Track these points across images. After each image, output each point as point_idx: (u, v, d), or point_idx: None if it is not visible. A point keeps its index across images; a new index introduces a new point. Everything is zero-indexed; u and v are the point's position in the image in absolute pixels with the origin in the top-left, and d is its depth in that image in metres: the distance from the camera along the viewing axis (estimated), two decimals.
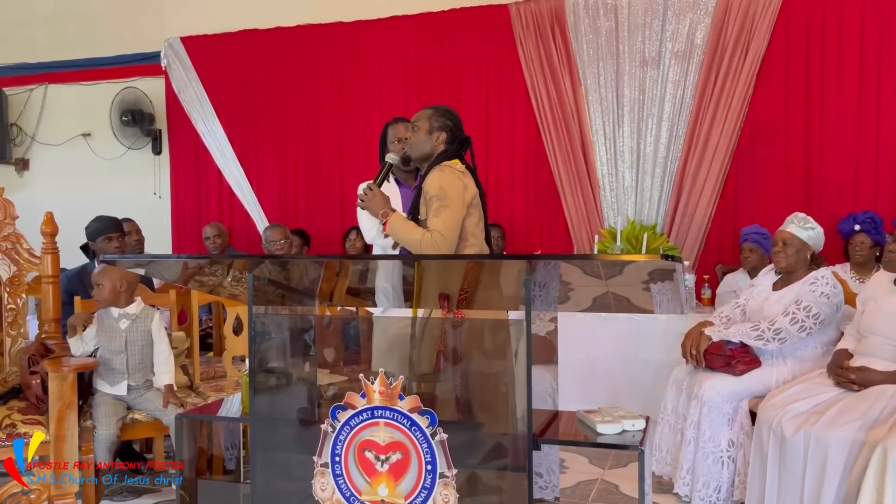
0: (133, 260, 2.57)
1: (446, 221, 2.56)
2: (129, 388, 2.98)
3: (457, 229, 2.59)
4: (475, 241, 2.68)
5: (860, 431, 2.44)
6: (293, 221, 5.70)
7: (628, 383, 4.08)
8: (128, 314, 3.01)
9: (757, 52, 4.75)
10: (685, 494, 3.05)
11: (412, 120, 2.82)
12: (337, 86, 5.73)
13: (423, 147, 2.73)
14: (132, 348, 2.99)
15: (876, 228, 4.04)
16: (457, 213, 2.58)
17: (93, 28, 6.38)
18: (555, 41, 5.15)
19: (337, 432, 2.03)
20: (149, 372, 3.05)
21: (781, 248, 3.12)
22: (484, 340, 2.12)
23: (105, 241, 3.65)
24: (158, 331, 3.04)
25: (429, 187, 2.62)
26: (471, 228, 2.66)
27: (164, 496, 3.30)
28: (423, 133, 2.73)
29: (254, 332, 2.15)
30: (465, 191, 2.62)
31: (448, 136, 2.72)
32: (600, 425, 2.04)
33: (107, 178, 6.33)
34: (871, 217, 4.05)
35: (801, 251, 3.10)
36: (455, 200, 2.58)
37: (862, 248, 4.05)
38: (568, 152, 5.13)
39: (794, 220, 3.14)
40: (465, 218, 2.63)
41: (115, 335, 2.98)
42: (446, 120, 2.74)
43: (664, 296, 1.90)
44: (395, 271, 2.20)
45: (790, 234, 3.11)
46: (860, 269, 4.04)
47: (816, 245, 3.13)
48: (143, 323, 3.02)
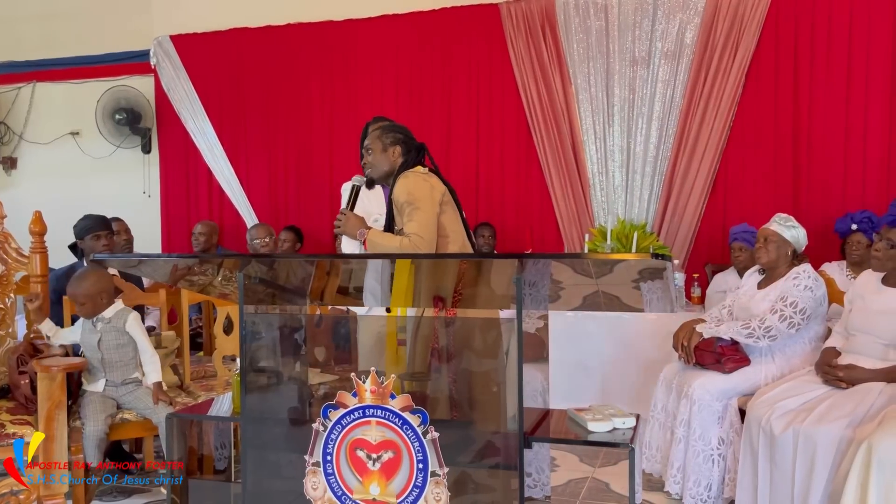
0: (121, 259, 2.55)
1: (421, 222, 2.62)
2: (108, 383, 3.01)
3: (433, 228, 2.66)
4: (456, 237, 2.75)
5: (848, 428, 2.46)
6: (283, 220, 5.69)
7: (619, 382, 4.09)
8: (103, 318, 3.05)
9: (746, 51, 4.77)
10: (675, 492, 3.06)
11: (364, 144, 2.89)
12: (327, 84, 5.72)
13: (382, 166, 2.82)
14: (105, 346, 3.02)
15: (872, 228, 4.05)
16: (429, 213, 2.65)
17: (81, 26, 6.34)
18: (545, 40, 5.16)
19: (328, 431, 2.03)
20: (129, 370, 3.06)
21: (763, 244, 3.18)
22: (475, 339, 2.12)
23: (93, 239, 3.63)
24: (136, 331, 3.07)
25: (397, 196, 2.70)
26: (448, 224, 2.73)
27: (154, 496, 3.28)
28: (378, 153, 2.81)
29: (245, 332, 2.14)
30: (433, 190, 2.69)
31: (403, 148, 2.81)
32: (591, 423, 2.05)
33: (96, 177, 6.29)
34: (868, 217, 4.07)
35: (781, 247, 3.15)
36: (425, 201, 2.65)
37: (859, 247, 4.08)
38: (558, 151, 5.14)
39: (776, 219, 3.21)
40: (440, 215, 2.70)
41: (90, 335, 3.03)
42: (396, 133, 2.83)
43: (654, 294, 1.91)
44: (383, 270, 2.21)
45: (771, 231, 3.17)
46: (857, 269, 4.05)
47: (797, 243, 3.18)
48: (118, 323, 3.05)
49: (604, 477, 3.45)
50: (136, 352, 3.07)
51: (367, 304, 2.58)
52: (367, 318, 2.57)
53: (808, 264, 3.18)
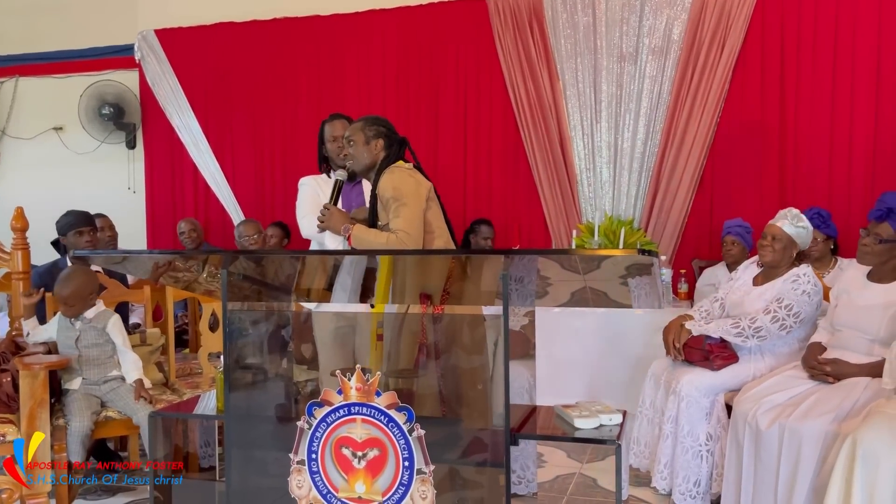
0: (104, 255, 2.53)
1: (407, 218, 2.61)
2: (85, 381, 3.01)
3: (419, 224, 2.65)
4: (441, 233, 2.74)
5: (833, 423, 2.47)
6: (270, 215, 5.65)
7: (606, 378, 4.10)
8: (84, 318, 3.06)
9: (733, 47, 4.78)
10: (663, 488, 3.07)
11: (346, 135, 2.86)
12: (314, 80, 5.68)
13: (364, 159, 2.79)
14: (83, 344, 3.02)
15: (825, 222, 3.98)
16: (416, 209, 2.64)
17: (65, 20, 6.27)
18: (533, 36, 5.14)
19: (313, 429, 2.01)
20: (107, 368, 3.07)
21: (770, 242, 3.06)
22: (462, 336, 2.11)
23: (76, 235, 3.59)
24: (117, 335, 3.08)
25: (383, 191, 2.67)
26: (434, 221, 2.72)
27: (138, 495, 3.26)
28: (360, 146, 2.78)
29: (228, 329, 2.12)
30: (419, 186, 2.68)
31: (385, 142, 2.78)
32: (577, 420, 2.04)
33: (79, 173, 6.23)
34: (817, 212, 3.98)
35: (788, 248, 3.05)
36: (411, 197, 2.63)
37: (815, 243, 4.00)
38: (546, 147, 5.13)
39: (787, 215, 3.08)
40: (426, 211, 2.69)
41: (69, 333, 3.03)
42: (379, 127, 2.80)
43: (641, 290, 1.91)
44: (358, 266, 2.20)
45: (780, 230, 3.05)
46: (818, 265, 3.99)
47: (803, 243, 3.09)
48: (98, 324, 3.06)
49: (591, 473, 3.46)
50: (114, 350, 3.09)
51: (337, 300, 2.56)
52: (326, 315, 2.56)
53: (809, 266, 3.07)
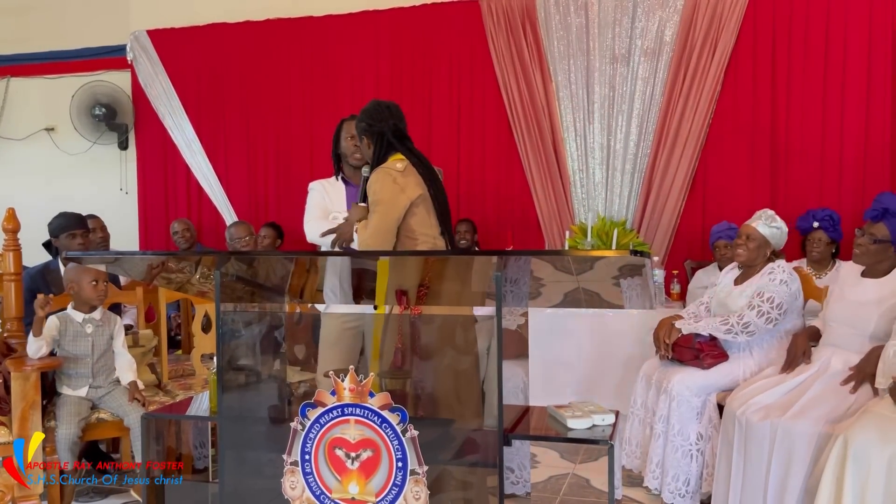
0: (97, 256, 2.52)
1: (375, 227, 2.60)
2: (92, 388, 3.00)
3: (385, 234, 2.61)
4: (426, 238, 2.68)
5: (827, 425, 2.48)
6: (263, 216, 5.64)
7: (599, 378, 4.11)
8: (93, 319, 3.04)
9: (725, 49, 4.80)
10: (655, 488, 3.08)
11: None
12: (307, 81, 5.67)
13: (366, 155, 2.83)
14: (97, 352, 3.02)
15: (834, 226, 4.05)
16: (385, 219, 2.60)
17: (57, 20, 6.24)
18: (526, 37, 5.15)
19: (307, 430, 2.01)
20: (111, 373, 3.07)
21: (744, 241, 3.17)
22: (455, 337, 2.12)
23: (68, 237, 3.58)
24: (119, 335, 3.09)
25: (369, 192, 2.67)
26: (418, 227, 2.66)
27: (131, 496, 3.25)
28: (361, 143, 2.82)
29: (222, 330, 2.12)
30: (400, 194, 2.62)
31: (374, 138, 2.75)
32: (570, 420, 2.05)
33: (71, 174, 6.20)
34: (829, 215, 4.06)
35: (761, 247, 3.15)
36: (385, 205, 2.61)
37: (819, 244, 4.06)
38: (539, 149, 5.14)
39: (761, 216, 3.19)
40: (409, 217, 2.64)
41: (80, 339, 3.00)
42: (364, 123, 2.77)
43: (634, 291, 1.92)
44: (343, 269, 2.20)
45: (754, 230, 3.15)
46: (817, 266, 4.07)
47: (777, 243, 3.18)
48: (107, 327, 3.06)
49: (584, 473, 3.46)
50: (113, 354, 3.09)
51: (327, 301, 2.56)
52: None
53: (783, 259, 3.19)
